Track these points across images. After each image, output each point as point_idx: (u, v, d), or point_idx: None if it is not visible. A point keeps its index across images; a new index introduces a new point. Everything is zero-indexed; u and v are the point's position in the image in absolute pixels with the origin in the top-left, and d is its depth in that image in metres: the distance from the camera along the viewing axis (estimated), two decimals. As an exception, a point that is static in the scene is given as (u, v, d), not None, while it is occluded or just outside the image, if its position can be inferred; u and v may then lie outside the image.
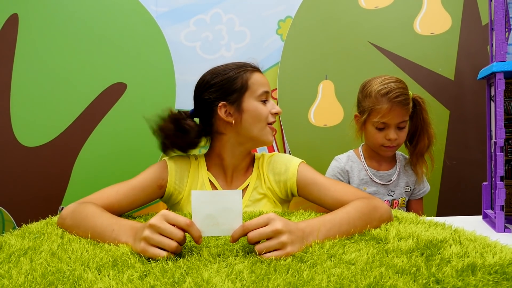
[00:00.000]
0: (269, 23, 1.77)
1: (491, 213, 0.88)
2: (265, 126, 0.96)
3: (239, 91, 0.95)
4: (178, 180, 0.97)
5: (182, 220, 0.58)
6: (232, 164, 1.00)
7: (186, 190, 0.98)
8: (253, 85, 0.95)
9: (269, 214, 0.59)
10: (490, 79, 0.89)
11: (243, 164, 1.01)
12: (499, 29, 0.79)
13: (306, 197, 0.93)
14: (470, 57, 1.55)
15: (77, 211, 0.76)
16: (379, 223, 0.74)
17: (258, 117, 0.95)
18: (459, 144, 1.56)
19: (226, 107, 0.95)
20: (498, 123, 0.79)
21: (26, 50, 1.55)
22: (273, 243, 0.57)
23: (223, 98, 0.95)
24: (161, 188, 0.95)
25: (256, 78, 0.96)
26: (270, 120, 0.97)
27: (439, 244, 0.59)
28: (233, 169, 1.00)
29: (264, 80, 0.98)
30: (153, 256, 0.57)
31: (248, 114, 0.94)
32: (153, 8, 1.74)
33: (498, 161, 0.80)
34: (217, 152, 1.00)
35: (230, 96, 0.95)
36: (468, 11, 1.57)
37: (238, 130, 0.96)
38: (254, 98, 0.95)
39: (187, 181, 0.98)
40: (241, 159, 1.00)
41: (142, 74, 1.62)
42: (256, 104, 0.95)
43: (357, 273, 0.49)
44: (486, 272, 0.49)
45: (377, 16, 1.63)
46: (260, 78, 0.97)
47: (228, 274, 0.50)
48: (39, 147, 1.55)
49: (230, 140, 0.97)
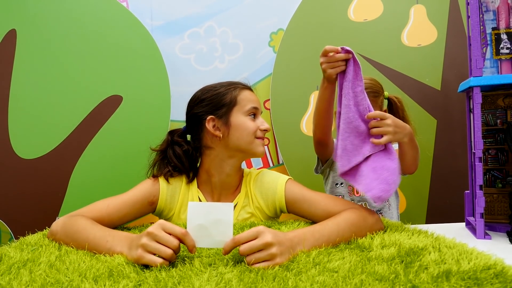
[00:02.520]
0: (261, 35, 1.82)
1: (473, 220, 0.91)
2: (253, 139, 0.97)
3: (228, 106, 0.97)
4: (170, 198, 0.98)
5: (178, 229, 0.62)
6: (220, 181, 1.00)
7: (176, 207, 0.98)
8: (242, 100, 0.98)
9: (259, 227, 0.62)
10: (469, 92, 0.93)
11: (232, 182, 1.01)
12: (475, 46, 0.84)
13: (296, 213, 0.95)
14: (455, 68, 1.61)
15: (68, 225, 0.77)
16: (370, 233, 0.76)
17: (245, 131, 0.96)
18: (447, 152, 1.60)
19: (214, 121, 0.97)
20: (476, 135, 0.83)
21: (24, 64, 1.59)
22: (263, 255, 0.60)
23: (211, 112, 0.98)
24: (152, 204, 0.96)
25: (245, 94, 0.99)
26: (258, 135, 0.98)
27: (419, 251, 0.62)
28: (221, 186, 1.00)
29: (253, 97, 1.01)
30: (149, 263, 0.60)
31: (236, 128, 0.96)
32: (148, 22, 1.78)
33: (477, 171, 0.84)
34: (206, 168, 1.01)
35: (218, 111, 0.97)
36: (452, 24, 1.62)
37: (227, 144, 0.97)
38: (242, 113, 0.97)
39: (178, 199, 0.99)
40: (231, 175, 1.00)
41: (137, 86, 1.65)
42: (243, 118, 0.97)
43: (339, 280, 0.52)
44: (460, 278, 0.52)
45: (366, 28, 1.68)
46: (249, 95, 1.00)
47: (218, 282, 0.53)
48: (37, 159, 1.57)
49: (218, 155, 0.98)
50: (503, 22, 0.92)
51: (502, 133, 0.94)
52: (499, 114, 0.95)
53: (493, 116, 0.95)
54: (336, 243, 0.70)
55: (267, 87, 1.77)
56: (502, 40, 0.92)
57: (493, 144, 0.95)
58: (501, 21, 0.92)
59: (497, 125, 0.95)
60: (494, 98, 0.95)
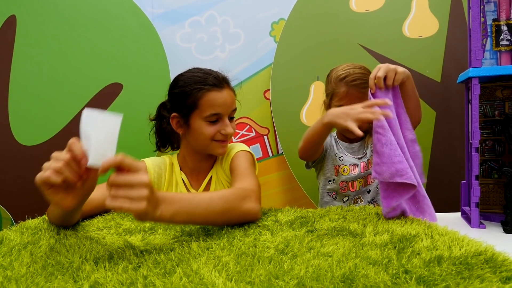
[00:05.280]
0: (262, 25, 1.82)
1: (468, 210, 0.92)
2: (210, 142, 0.99)
3: (189, 108, 0.98)
4: (157, 178, 1.04)
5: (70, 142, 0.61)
6: (195, 166, 1.07)
7: (164, 187, 1.05)
8: (202, 105, 0.97)
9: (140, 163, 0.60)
10: (467, 83, 0.94)
11: (207, 164, 1.08)
12: (475, 37, 0.84)
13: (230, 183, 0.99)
14: (456, 60, 1.60)
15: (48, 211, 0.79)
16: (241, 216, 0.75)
17: (201, 135, 0.99)
18: (445, 144, 1.61)
19: (177, 118, 1.01)
20: (474, 125, 0.84)
21: (24, 51, 1.59)
22: (132, 194, 0.55)
23: (176, 110, 1.01)
24: None
25: (209, 98, 0.96)
26: (217, 138, 0.99)
27: (411, 238, 0.64)
28: (198, 169, 1.08)
29: (219, 100, 0.97)
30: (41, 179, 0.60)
31: (194, 131, 1.00)
32: (149, 10, 1.77)
33: (473, 161, 0.85)
34: (183, 153, 1.08)
35: (182, 110, 1.00)
36: (454, 16, 1.61)
37: (189, 142, 1.03)
38: (201, 118, 0.97)
39: (165, 180, 1.05)
40: (203, 161, 1.07)
41: (138, 74, 1.66)
42: (202, 124, 0.97)
43: (333, 264, 0.53)
44: (451, 263, 0.53)
45: (367, 19, 1.67)
46: (214, 99, 0.97)
47: (215, 265, 0.54)
48: (37, 146, 1.58)
49: (188, 146, 1.05)
50: (504, 13, 0.92)
51: (500, 124, 0.94)
52: (497, 105, 0.95)
53: (491, 107, 0.96)
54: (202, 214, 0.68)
55: (268, 77, 1.77)
56: (502, 31, 0.92)
57: (491, 135, 0.96)
58: (501, 12, 0.92)
59: (495, 117, 0.95)
60: (492, 90, 0.95)
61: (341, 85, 1.18)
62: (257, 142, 1.81)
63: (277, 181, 1.80)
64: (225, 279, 0.49)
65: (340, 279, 0.48)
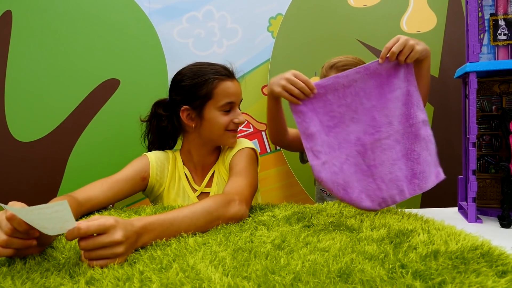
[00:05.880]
0: (260, 20, 1.80)
1: (465, 205, 0.93)
2: (224, 132, 1.01)
3: (203, 99, 0.99)
4: (159, 173, 1.04)
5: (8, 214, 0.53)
6: (200, 161, 1.08)
7: (166, 182, 1.05)
8: (217, 95, 0.98)
9: (109, 219, 0.54)
10: (465, 78, 0.93)
11: (211, 159, 1.09)
12: (473, 31, 0.84)
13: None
14: (454, 55, 1.60)
15: None
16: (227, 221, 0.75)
17: (216, 125, 1.00)
18: (443, 139, 1.61)
19: (188, 111, 1.01)
20: (471, 120, 0.84)
21: (20, 46, 1.57)
22: (106, 253, 0.54)
23: (187, 102, 1.01)
24: (144, 180, 1.02)
25: (223, 87, 0.99)
26: (230, 127, 1.01)
27: (408, 233, 0.64)
28: (202, 164, 1.08)
29: (232, 89, 1.00)
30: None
31: (207, 122, 1.00)
32: (146, 5, 1.76)
33: (470, 156, 0.85)
34: (187, 148, 1.08)
35: (193, 102, 1.00)
36: (452, 10, 1.61)
37: (200, 133, 1.03)
38: (216, 108, 0.99)
39: (168, 174, 1.06)
40: (208, 155, 1.08)
41: (135, 70, 1.65)
42: (216, 114, 0.99)
43: (330, 259, 0.53)
44: (447, 257, 0.53)
45: (365, 14, 1.67)
46: (227, 88, 0.99)
47: (212, 260, 0.54)
48: (34, 142, 1.57)
49: (195, 140, 1.05)
50: (501, 8, 0.91)
51: (497, 119, 0.94)
52: (495, 100, 0.95)
53: (489, 102, 0.96)
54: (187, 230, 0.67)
55: (265, 73, 1.76)
56: (500, 26, 0.92)
57: (488, 130, 0.96)
58: (499, 7, 0.91)
59: (492, 111, 0.95)
60: (490, 85, 0.95)
61: (331, 71, 1.19)
62: (255, 138, 1.81)
63: (275, 177, 1.80)
64: (222, 274, 0.48)
65: (336, 274, 0.48)
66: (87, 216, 0.84)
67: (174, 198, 1.04)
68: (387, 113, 0.80)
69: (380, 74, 0.80)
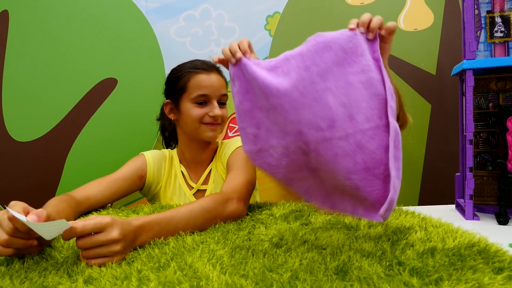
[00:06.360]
0: (257, 18, 1.80)
1: (463, 202, 0.93)
2: (199, 125, 1.01)
3: (178, 92, 1.02)
4: (157, 171, 1.05)
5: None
6: (192, 158, 1.08)
7: (163, 180, 1.06)
8: (190, 87, 1.00)
9: (106, 218, 0.55)
10: (462, 75, 0.94)
11: (204, 156, 1.09)
12: (469, 29, 0.84)
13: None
14: (451, 53, 1.60)
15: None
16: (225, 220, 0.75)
17: (189, 118, 1.00)
18: (440, 137, 1.62)
19: (170, 105, 1.05)
20: (468, 117, 0.84)
21: (17, 46, 1.57)
22: (104, 251, 0.54)
23: (168, 97, 1.06)
24: (141, 178, 1.03)
25: (196, 80, 0.99)
26: (205, 120, 1.00)
27: (405, 230, 0.64)
28: (195, 161, 1.09)
29: (206, 82, 0.99)
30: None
31: (183, 115, 1.02)
32: (143, 4, 1.75)
33: (467, 153, 0.85)
34: (180, 145, 1.10)
35: (173, 96, 1.04)
36: (449, 8, 1.61)
37: (182, 127, 1.05)
38: (189, 100, 1.01)
39: (164, 172, 1.07)
40: (200, 152, 1.08)
41: (132, 69, 1.64)
42: (189, 106, 1.00)
43: (327, 257, 0.53)
44: (444, 254, 0.54)
45: (362, 12, 1.64)
46: (201, 81, 0.99)
47: (210, 258, 0.54)
48: (32, 142, 1.57)
49: (182, 135, 1.08)
50: (498, 5, 0.91)
51: (494, 116, 0.95)
52: (491, 97, 0.96)
53: (485, 99, 0.96)
54: (184, 229, 0.67)
55: (263, 71, 1.76)
56: (497, 23, 0.92)
57: (485, 128, 0.96)
58: (495, 4, 0.92)
59: (489, 109, 0.96)
60: (486, 82, 0.95)
61: None
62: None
63: (274, 175, 1.81)
64: (219, 272, 0.49)
65: (333, 271, 0.48)
66: (85, 215, 0.84)
67: (171, 196, 1.05)
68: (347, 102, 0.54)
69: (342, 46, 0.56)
